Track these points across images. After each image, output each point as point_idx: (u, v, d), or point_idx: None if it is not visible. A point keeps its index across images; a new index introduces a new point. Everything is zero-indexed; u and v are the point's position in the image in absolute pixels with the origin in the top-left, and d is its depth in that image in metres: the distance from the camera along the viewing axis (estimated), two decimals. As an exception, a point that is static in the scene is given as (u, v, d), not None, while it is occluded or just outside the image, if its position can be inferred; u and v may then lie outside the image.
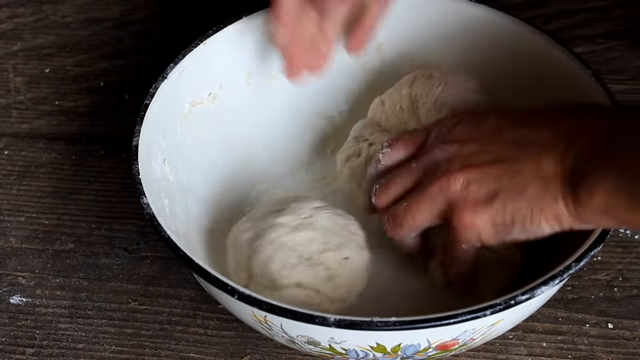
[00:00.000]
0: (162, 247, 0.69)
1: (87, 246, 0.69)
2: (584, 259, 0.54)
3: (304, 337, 0.54)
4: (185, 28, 0.85)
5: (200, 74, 0.67)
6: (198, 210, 0.66)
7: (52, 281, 0.67)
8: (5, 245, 0.70)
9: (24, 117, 0.79)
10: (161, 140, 0.63)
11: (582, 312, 0.64)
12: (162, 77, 0.64)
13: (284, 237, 0.60)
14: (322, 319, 0.51)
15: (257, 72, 0.71)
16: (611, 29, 0.83)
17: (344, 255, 0.60)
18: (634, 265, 0.67)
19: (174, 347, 0.63)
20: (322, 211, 0.62)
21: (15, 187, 0.74)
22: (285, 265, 0.59)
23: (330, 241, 0.60)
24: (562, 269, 0.53)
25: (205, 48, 0.67)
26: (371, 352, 0.54)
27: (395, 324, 0.50)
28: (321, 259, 0.59)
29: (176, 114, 0.66)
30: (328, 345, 0.54)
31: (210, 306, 0.65)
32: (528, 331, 0.63)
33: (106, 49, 0.85)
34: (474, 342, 0.55)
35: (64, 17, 0.88)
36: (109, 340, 0.64)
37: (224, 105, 0.69)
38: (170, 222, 0.58)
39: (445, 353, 0.56)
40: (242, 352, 0.63)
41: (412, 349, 0.54)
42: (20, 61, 0.84)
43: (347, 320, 0.51)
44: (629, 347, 0.62)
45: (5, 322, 0.65)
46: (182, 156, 0.66)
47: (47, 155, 0.76)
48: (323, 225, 0.61)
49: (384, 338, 0.53)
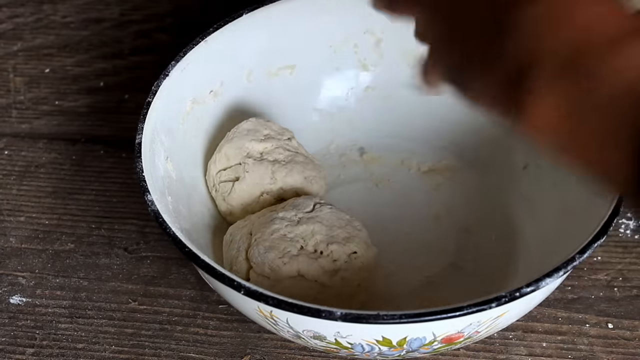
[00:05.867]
0: (162, 247, 0.69)
1: (87, 246, 0.69)
2: (588, 251, 0.54)
3: (310, 332, 0.54)
4: (185, 28, 0.85)
5: (202, 71, 0.67)
6: (200, 208, 0.66)
7: (52, 281, 0.67)
8: (5, 245, 0.70)
9: (24, 117, 0.79)
10: (164, 138, 0.63)
11: (582, 312, 0.64)
12: (164, 75, 0.65)
13: (284, 229, 0.60)
14: (328, 313, 0.51)
15: (257, 70, 0.71)
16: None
17: (351, 249, 0.60)
18: (634, 265, 0.67)
19: (174, 347, 0.63)
20: (326, 206, 0.62)
21: (15, 187, 0.74)
22: (285, 254, 0.59)
23: (336, 234, 0.60)
24: (566, 261, 0.53)
25: (206, 46, 0.67)
26: (377, 346, 0.54)
27: (402, 317, 0.51)
28: (327, 251, 0.60)
29: (178, 111, 0.66)
30: (334, 339, 0.54)
31: (210, 306, 0.65)
32: (528, 331, 0.63)
33: (106, 49, 0.85)
34: (478, 335, 0.56)
35: (64, 17, 0.88)
36: (109, 340, 0.64)
37: (225, 102, 0.70)
38: (174, 220, 0.58)
39: (450, 346, 0.56)
40: (242, 352, 0.63)
41: (417, 342, 0.54)
42: (20, 61, 0.84)
43: (353, 314, 0.51)
44: (629, 347, 0.62)
45: (5, 322, 0.65)
46: (185, 153, 0.66)
47: (47, 155, 0.76)
48: (327, 219, 0.61)
49: (390, 332, 0.53)
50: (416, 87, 0.53)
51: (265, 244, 0.60)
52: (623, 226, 0.69)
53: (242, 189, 0.65)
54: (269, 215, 0.62)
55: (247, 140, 0.66)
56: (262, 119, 0.68)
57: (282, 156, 0.66)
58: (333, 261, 0.59)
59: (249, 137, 0.66)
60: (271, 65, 0.71)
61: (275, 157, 0.66)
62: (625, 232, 0.68)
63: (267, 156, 0.66)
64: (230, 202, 0.65)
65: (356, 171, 0.72)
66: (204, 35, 0.67)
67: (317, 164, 0.68)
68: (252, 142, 0.66)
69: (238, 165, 0.65)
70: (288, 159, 0.66)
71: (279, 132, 0.67)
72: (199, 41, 0.67)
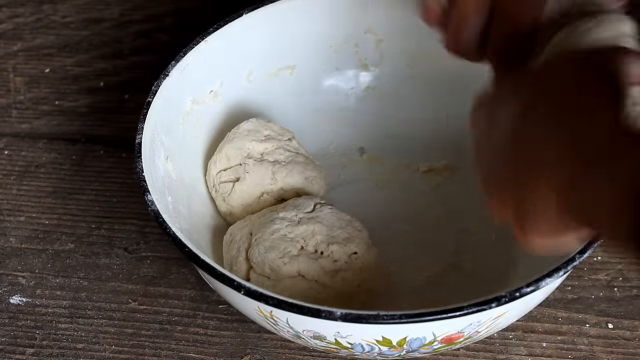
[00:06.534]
0: (162, 247, 0.69)
1: (87, 246, 0.69)
2: (588, 251, 0.54)
3: (310, 332, 0.54)
4: (185, 28, 0.85)
5: (202, 71, 0.67)
6: (200, 208, 0.66)
7: (52, 281, 0.67)
8: (5, 245, 0.70)
9: (24, 117, 0.79)
10: (164, 138, 0.63)
11: (582, 312, 0.64)
12: (164, 75, 0.65)
13: (284, 229, 0.60)
14: (328, 313, 0.51)
15: (257, 70, 0.71)
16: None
17: (352, 250, 0.60)
18: (634, 265, 0.67)
19: (174, 347, 0.63)
20: (326, 207, 0.62)
21: (15, 187, 0.74)
22: (286, 254, 0.59)
23: (337, 235, 0.60)
24: (566, 261, 0.53)
25: (206, 45, 0.67)
26: (377, 346, 0.54)
27: (402, 317, 0.51)
28: (327, 251, 0.60)
29: (178, 111, 0.66)
30: (334, 339, 0.54)
31: (210, 306, 0.65)
32: (528, 331, 0.63)
33: (106, 49, 0.85)
34: (478, 335, 0.56)
35: (64, 17, 0.88)
36: (109, 340, 0.64)
37: (225, 102, 0.70)
38: (174, 220, 0.58)
39: (450, 346, 0.56)
40: (242, 352, 0.63)
41: (417, 342, 0.54)
42: (20, 61, 0.84)
43: (353, 314, 0.51)
44: (629, 347, 0.62)
45: (5, 322, 0.65)
46: (184, 154, 0.66)
47: (47, 155, 0.76)
48: (328, 220, 0.61)
49: (390, 332, 0.53)
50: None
51: (265, 244, 0.60)
52: (623, 226, 0.69)
53: (243, 190, 0.65)
54: (269, 215, 0.62)
55: (248, 141, 0.66)
56: (262, 120, 0.68)
57: (282, 157, 0.66)
58: (333, 261, 0.59)
59: (250, 137, 0.66)
60: (271, 66, 0.71)
61: (276, 158, 0.66)
62: (625, 232, 0.68)
63: (268, 157, 0.66)
64: (230, 203, 0.65)
65: (356, 171, 0.72)
66: (204, 35, 0.67)
67: (317, 164, 0.68)
68: (252, 143, 0.66)
69: (238, 166, 0.65)
70: (288, 160, 0.66)
71: (279, 133, 0.67)
72: (199, 41, 0.67)
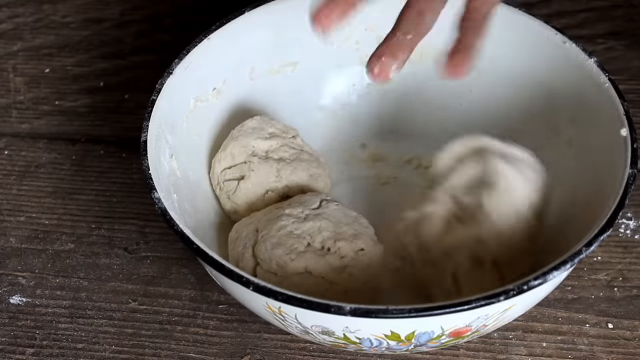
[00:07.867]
0: (162, 247, 0.69)
1: (87, 246, 0.69)
2: (594, 244, 0.54)
3: (319, 327, 0.54)
4: (185, 28, 0.85)
5: (205, 69, 0.67)
6: (205, 205, 0.66)
7: (52, 281, 0.67)
8: (5, 245, 0.70)
9: (24, 117, 0.79)
10: (168, 136, 0.63)
11: (582, 312, 0.64)
12: (168, 73, 0.65)
13: (291, 226, 0.60)
14: (337, 307, 0.51)
15: (259, 67, 0.71)
16: (611, 29, 0.83)
17: (359, 246, 0.60)
18: (634, 265, 0.67)
19: (174, 347, 0.63)
20: (332, 203, 0.62)
21: (15, 187, 0.74)
22: (292, 250, 0.59)
23: (344, 231, 0.60)
24: (573, 254, 0.53)
25: (209, 43, 0.67)
26: (385, 340, 0.54)
27: (411, 311, 0.51)
28: (334, 247, 0.60)
29: (182, 109, 0.66)
30: (342, 334, 0.54)
31: (210, 306, 0.65)
32: (528, 331, 0.63)
33: (106, 49, 0.85)
34: (486, 328, 0.56)
35: (64, 17, 0.88)
36: (109, 340, 0.64)
37: (228, 100, 0.70)
38: (180, 217, 0.58)
39: (458, 340, 0.56)
40: (242, 352, 0.63)
41: (425, 336, 0.54)
42: (20, 61, 0.84)
43: (362, 308, 0.51)
44: (629, 347, 0.62)
45: (5, 322, 0.65)
46: (188, 151, 0.66)
47: (47, 155, 0.76)
48: (334, 216, 0.61)
49: (399, 326, 0.53)
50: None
51: (272, 241, 0.60)
52: (623, 226, 0.69)
53: (247, 188, 0.65)
54: (275, 212, 0.62)
55: (253, 139, 0.66)
56: (266, 117, 0.68)
57: (287, 154, 0.66)
58: (340, 258, 0.60)
59: (254, 135, 0.66)
60: (273, 63, 0.71)
61: (281, 155, 0.66)
62: (625, 232, 0.68)
63: (273, 154, 0.66)
64: (235, 201, 0.65)
65: (359, 168, 0.72)
66: (207, 33, 0.67)
67: (321, 161, 0.68)
68: (257, 140, 0.66)
69: (243, 164, 0.65)
70: (293, 157, 0.66)
71: (283, 130, 0.67)
72: (202, 39, 0.67)
